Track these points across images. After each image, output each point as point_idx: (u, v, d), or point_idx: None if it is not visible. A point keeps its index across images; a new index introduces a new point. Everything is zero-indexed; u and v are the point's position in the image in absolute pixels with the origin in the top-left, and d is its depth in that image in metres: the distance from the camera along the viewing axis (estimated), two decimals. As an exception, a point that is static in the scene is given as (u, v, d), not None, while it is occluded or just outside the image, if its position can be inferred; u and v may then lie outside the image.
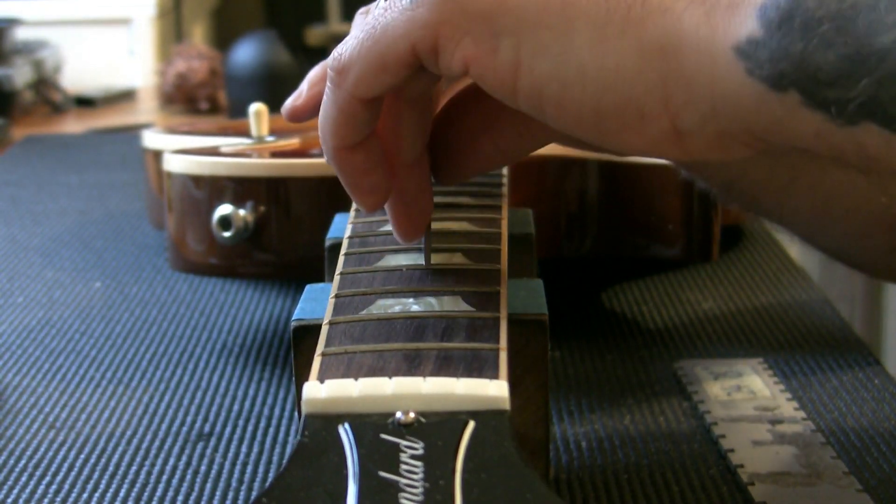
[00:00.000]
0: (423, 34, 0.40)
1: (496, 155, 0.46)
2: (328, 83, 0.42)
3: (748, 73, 0.36)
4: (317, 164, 0.64)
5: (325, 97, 0.42)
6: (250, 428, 0.59)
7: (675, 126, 0.38)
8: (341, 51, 0.41)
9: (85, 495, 0.53)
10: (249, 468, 0.55)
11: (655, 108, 0.38)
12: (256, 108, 0.70)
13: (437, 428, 0.34)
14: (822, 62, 0.34)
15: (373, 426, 0.34)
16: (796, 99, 0.35)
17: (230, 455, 0.56)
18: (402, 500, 0.31)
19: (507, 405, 0.35)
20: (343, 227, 0.50)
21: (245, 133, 0.72)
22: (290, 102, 0.62)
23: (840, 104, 0.35)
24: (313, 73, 0.70)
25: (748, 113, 0.37)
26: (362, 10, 0.55)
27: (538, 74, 0.39)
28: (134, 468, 0.55)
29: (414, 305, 0.41)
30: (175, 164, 0.66)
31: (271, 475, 0.54)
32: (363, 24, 0.41)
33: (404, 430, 0.34)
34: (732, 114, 0.37)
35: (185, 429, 0.59)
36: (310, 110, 0.70)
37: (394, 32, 0.40)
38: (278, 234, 0.64)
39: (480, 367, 0.37)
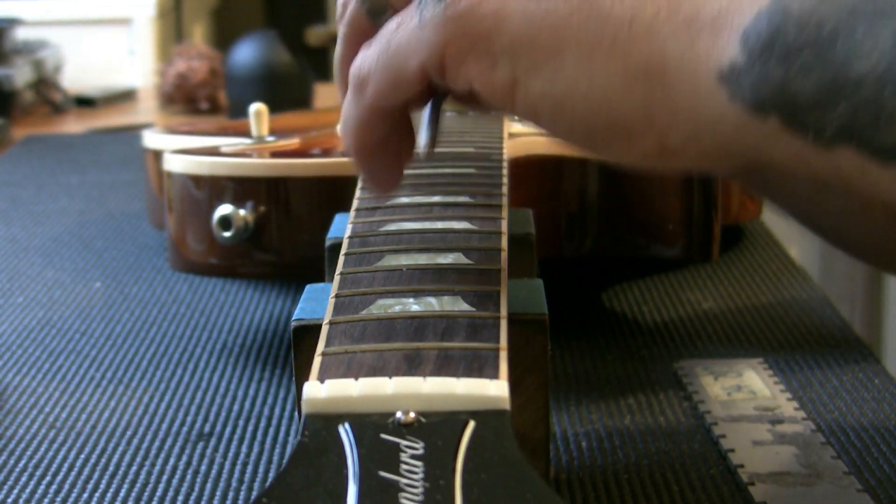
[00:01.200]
0: (431, 54, 0.42)
1: None
2: (350, 90, 0.45)
3: (730, 99, 0.37)
4: (317, 164, 0.64)
5: (347, 101, 0.45)
6: (250, 428, 0.59)
7: (661, 144, 0.40)
8: (361, 60, 0.44)
9: (85, 495, 0.53)
10: (249, 468, 0.55)
11: (642, 128, 0.40)
12: (256, 108, 0.70)
13: (438, 428, 0.34)
14: (801, 88, 0.36)
15: (373, 426, 0.34)
16: (776, 123, 0.37)
17: (230, 455, 0.56)
18: (403, 500, 0.31)
19: (507, 405, 0.35)
20: (343, 226, 0.50)
21: (245, 133, 0.72)
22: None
23: (818, 128, 0.36)
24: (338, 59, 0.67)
25: (730, 136, 0.38)
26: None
27: (533, 92, 0.41)
28: (134, 468, 0.55)
29: (414, 305, 0.41)
30: (175, 164, 0.66)
31: (271, 475, 0.54)
32: (379, 37, 0.44)
33: (404, 429, 0.34)
34: (714, 136, 0.39)
35: (185, 429, 0.59)
36: None
37: (405, 52, 0.42)
38: (278, 234, 0.64)
39: (481, 366, 0.37)
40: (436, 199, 0.51)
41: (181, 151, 0.67)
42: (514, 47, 0.40)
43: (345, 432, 0.34)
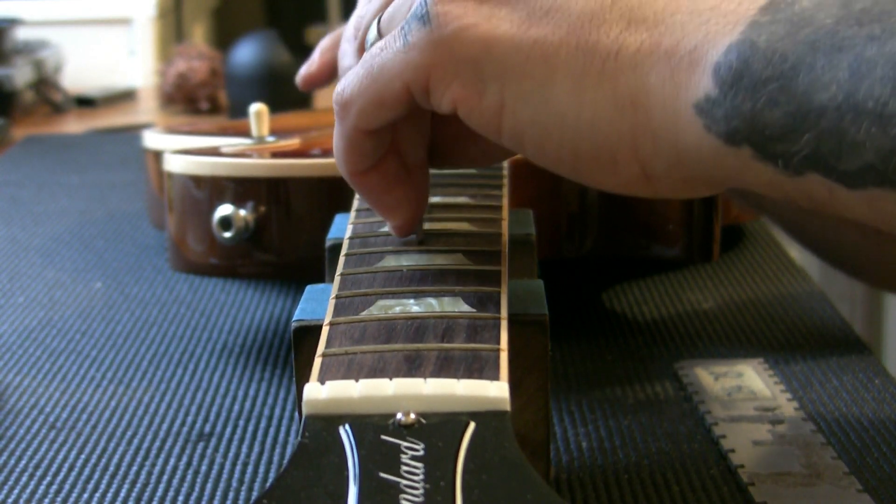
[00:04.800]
0: (416, 76, 0.42)
1: (482, 156, 0.49)
2: (335, 116, 0.45)
3: (706, 129, 0.39)
4: (317, 164, 0.64)
5: (334, 128, 0.45)
6: (250, 428, 0.59)
7: (644, 171, 0.41)
8: (344, 85, 0.44)
9: (85, 495, 0.53)
10: (250, 468, 0.55)
11: (627, 156, 0.41)
12: (257, 108, 0.70)
13: (438, 429, 0.34)
14: (769, 120, 0.37)
15: (373, 427, 0.34)
16: (749, 153, 0.38)
17: (230, 455, 0.56)
18: (403, 502, 0.32)
19: (507, 406, 0.35)
20: (343, 227, 0.50)
21: (245, 133, 0.72)
22: (303, 70, 0.66)
23: (787, 157, 0.37)
24: (325, 41, 0.73)
25: (708, 164, 0.40)
26: (347, 34, 0.57)
27: (520, 119, 0.42)
28: (134, 468, 0.55)
29: (414, 306, 0.41)
30: (175, 165, 0.66)
31: (272, 476, 0.54)
32: (363, 61, 0.44)
33: (405, 431, 0.34)
34: (694, 164, 0.40)
35: (185, 429, 0.59)
36: (322, 76, 0.74)
37: (389, 73, 0.43)
38: (279, 235, 0.64)
39: (481, 368, 0.37)
40: (436, 199, 0.51)
41: (181, 151, 0.67)
42: (503, 74, 0.41)
43: (345, 433, 0.34)
